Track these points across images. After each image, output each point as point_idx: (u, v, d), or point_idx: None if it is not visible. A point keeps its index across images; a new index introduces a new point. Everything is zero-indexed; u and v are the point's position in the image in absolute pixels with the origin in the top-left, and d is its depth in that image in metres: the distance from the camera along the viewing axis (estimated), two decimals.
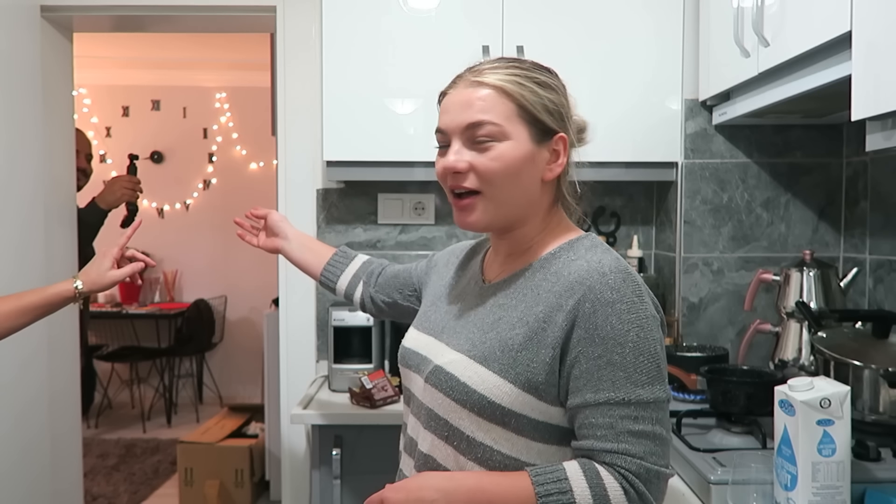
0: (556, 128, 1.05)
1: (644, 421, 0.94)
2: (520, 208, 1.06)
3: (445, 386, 1.03)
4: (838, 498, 1.16)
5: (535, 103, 1.03)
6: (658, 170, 2.27)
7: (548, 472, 0.95)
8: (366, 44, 2.20)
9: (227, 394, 5.62)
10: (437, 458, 1.05)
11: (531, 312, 1.01)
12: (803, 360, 1.87)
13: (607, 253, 1.03)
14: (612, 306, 0.96)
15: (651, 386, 0.95)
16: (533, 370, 0.98)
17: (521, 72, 1.05)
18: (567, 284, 0.99)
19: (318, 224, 2.52)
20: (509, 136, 1.02)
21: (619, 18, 2.21)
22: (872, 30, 1.31)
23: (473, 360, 1.02)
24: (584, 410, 0.96)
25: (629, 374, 0.94)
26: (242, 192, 5.66)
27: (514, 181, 1.03)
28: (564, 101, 1.08)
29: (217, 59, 5.31)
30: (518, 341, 1.00)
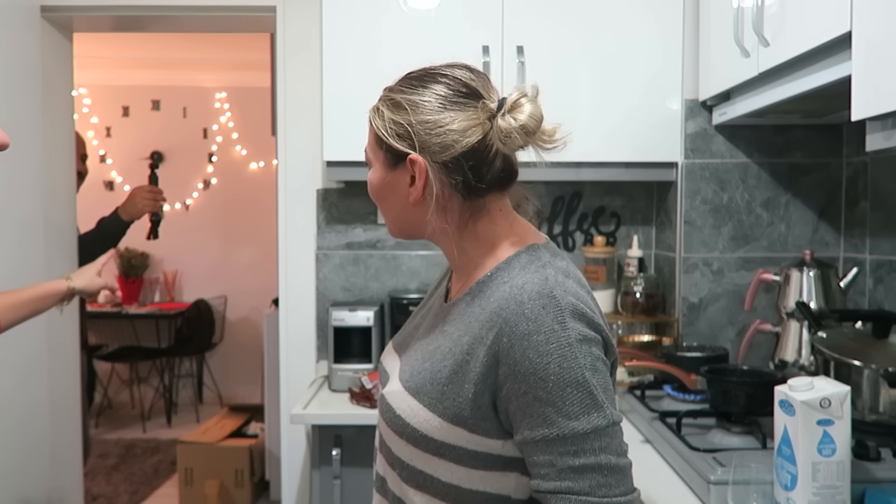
0: (405, 150, 0.97)
1: (585, 454, 0.88)
2: (411, 226, 1.04)
3: (387, 415, 1.01)
4: (838, 498, 1.16)
5: (382, 128, 1.00)
6: (658, 170, 2.27)
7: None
8: (366, 44, 2.20)
9: (227, 394, 5.62)
10: (388, 481, 1.05)
11: (459, 343, 0.97)
12: (803, 360, 1.87)
13: (537, 272, 0.95)
14: (529, 339, 0.90)
15: (586, 416, 0.88)
16: (459, 404, 0.94)
17: (385, 94, 1.03)
18: (488, 315, 0.94)
19: (318, 224, 2.52)
20: (371, 163, 1.04)
21: (620, 18, 2.21)
22: (872, 30, 1.31)
23: (408, 393, 0.99)
24: (526, 448, 0.92)
25: (558, 408, 0.88)
26: (242, 193, 5.66)
27: (383, 203, 1.05)
28: (424, 117, 0.96)
29: (217, 59, 5.31)
30: (445, 374, 0.96)
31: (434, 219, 0.99)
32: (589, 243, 2.49)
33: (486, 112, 0.97)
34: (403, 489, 1.01)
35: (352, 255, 2.52)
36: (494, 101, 0.97)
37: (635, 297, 2.33)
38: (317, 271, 2.53)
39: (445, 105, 0.97)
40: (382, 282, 2.50)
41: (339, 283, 2.52)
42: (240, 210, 5.66)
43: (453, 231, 1.02)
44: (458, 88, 0.98)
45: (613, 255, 2.42)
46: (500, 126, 0.95)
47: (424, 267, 2.52)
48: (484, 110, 0.97)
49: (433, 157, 0.96)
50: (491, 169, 0.99)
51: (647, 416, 1.74)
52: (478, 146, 0.96)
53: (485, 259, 1.03)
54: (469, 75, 1.00)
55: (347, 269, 2.52)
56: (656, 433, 1.64)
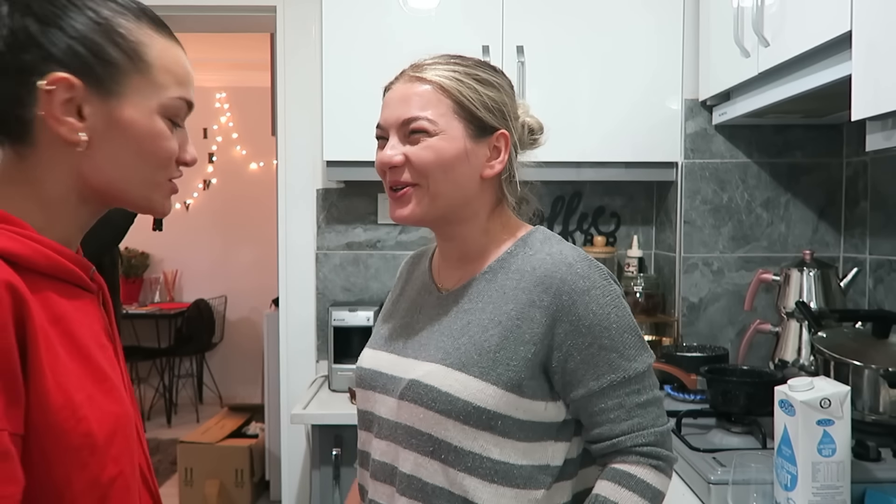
0: (496, 125, 1.04)
1: (646, 391, 1.00)
2: (456, 204, 1.04)
3: (426, 399, 0.99)
4: (838, 498, 1.16)
5: (473, 100, 1.02)
6: (658, 170, 2.27)
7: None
8: (366, 44, 2.20)
9: (227, 394, 5.62)
10: (422, 476, 1.01)
11: (502, 312, 1.00)
12: (803, 360, 1.87)
13: (562, 243, 1.06)
14: (588, 294, 0.99)
15: (641, 356, 1.00)
16: (514, 368, 0.98)
17: (461, 68, 1.04)
18: (535, 280, 1.00)
19: (318, 224, 2.52)
20: (443, 131, 1.01)
21: (620, 18, 2.21)
22: (872, 30, 1.31)
23: (451, 368, 0.99)
24: (592, 399, 0.99)
25: (620, 352, 0.99)
26: (242, 192, 5.66)
27: (449, 175, 1.01)
28: (508, 99, 1.07)
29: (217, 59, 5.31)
30: (494, 342, 0.99)
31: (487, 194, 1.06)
32: (589, 243, 2.49)
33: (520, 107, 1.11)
34: (451, 476, 0.99)
35: (352, 255, 2.52)
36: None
37: (635, 297, 2.33)
38: (317, 271, 2.53)
39: (513, 93, 1.09)
40: (382, 282, 2.50)
41: (339, 283, 2.52)
42: (240, 210, 5.66)
43: (488, 212, 1.08)
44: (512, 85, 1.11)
45: (613, 255, 2.42)
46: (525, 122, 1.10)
47: None
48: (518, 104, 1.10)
49: (513, 136, 1.06)
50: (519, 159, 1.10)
51: None
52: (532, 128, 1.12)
53: (499, 239, 1.09)
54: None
55: (347, 269, 2.52)
56: None
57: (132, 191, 0.79)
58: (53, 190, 0.75)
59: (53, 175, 0.75)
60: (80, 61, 0.73)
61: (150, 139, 0.77)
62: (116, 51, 0.75)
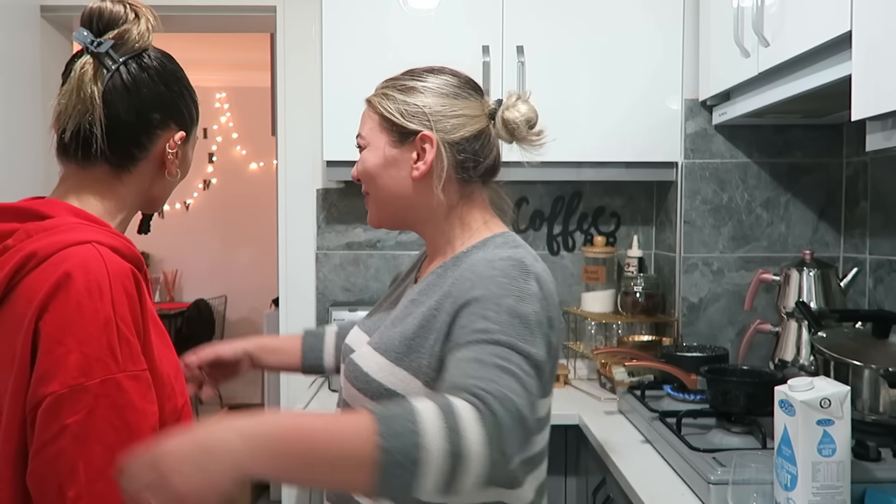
0: (417, 128, 1.06)
1: (512, 363, 0.89)
2: (401, 207, 1.11)
3: (352, 376, 1.08)
4: (838, 498, 1.16)
5: (391, 109, 1.08)
6: (658, 170, 2.27)
7: (394, 408, 0.83)
8: (366, 44, 2.20)
9: (227, 394, 5.62)
10: None
11: (427, 304, 1.04)
12: (803, 360, 1.87)
13: (512, 249, 1.03)
14: (493, 279, 0.96)
15: (522, 342, 0.91)
16: (424, 356, 1.00)
17: (392, 82, 1.11)
18: (458, 274, 1.02)
19: (318, 224, 2.52)
20: (370, 144, 1.10)
21: (620, 18, 2.21)
22: (872, 30, 1.31)
23: (376, 351, 1.06)
24: (454, 352, 0.93)
25: (503, 327, 0.92)
26: (242, 192, 5.66)
27: (378, 182, 1.10)
28: (438, 99, 1.07)
29: (217, 59, 5.31)
30: (412, 331, 1.03)
31: (430, 197, 1.07)
32: (589, 243, 2.49)
33: (487, 107, 1.09)
34: None
35: (352, 255, 2.52)
36: (492, 99, 1.11)
37: (635, 297, 2.33)
38: (317, 271, 2.53)
39: (457, 92, 1.09)
40: (382, 282, 2.50)
41: (339, 283, 2.52)
42: (240, 210, 5.66)
43: (442, 213, 1.09)
44: (466, 81, 1.11)
45: (613, 255, 2.42)
46: (506, 118, 1.07)
47: None
48: (484, 105, 1.09)
49: (444, 135, 1.06)
50: (486, 158, 1.10)
51: (647, 416, 1.74)
52: (480, 134, 1.08)
53: (462, 238, 1.10)
54: (466, 76, 1.13)
55: (347, 269, 2.52)
56: (656, 433, 1.64)
57: (162, 202, 1.09)
58: (129, 202, 1.03)
59: (135, 192, 1.02)
60: (186, 119, 1.05)
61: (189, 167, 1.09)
62: (195, 110, 1.07)
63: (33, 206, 0.95)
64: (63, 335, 0.85)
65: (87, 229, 0.93)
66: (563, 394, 2.25)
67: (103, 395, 0.85)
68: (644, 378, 2.05)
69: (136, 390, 0.88)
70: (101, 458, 0.84)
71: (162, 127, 1.01)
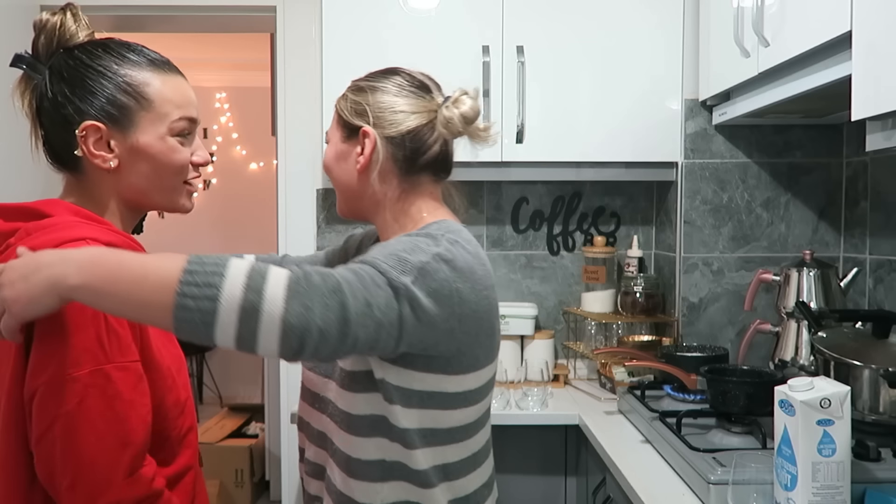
0: (359, 124, 1.13)
1: (363, 270, 0.94)
2: (354, 198, 1.17)
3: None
4: (838, 498, 1.16)
5: (343, 108, 1.16)
6: (658, 170, 2.27)
7: (213, 259, 0.88)
8: (366, 44, 2.20)
9: (227, 394, 5.62)
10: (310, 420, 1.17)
11: None
12: (803, 360, 1.87)
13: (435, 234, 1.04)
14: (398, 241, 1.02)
15: (387, 265, 0.95)
16: None
17: (351, 84, 1.20)
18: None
19: (318, 224, 2.52)
20: (329, 140, 1.19)
21: (620, 18, 2.21)
22: (872, 30, 1.31)
23: None
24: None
25: (379, 258, 0.97)
26: (242, 193, 5.66)
27: (333, 174, 1.18)
28: (381, 97, 1.14)
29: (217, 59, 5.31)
30: None
31: (373, 188, 1.13)
32: (589, 243, 2.49)
33: (433, 104, 1.14)
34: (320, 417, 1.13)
35: None
36: (441, 97, 1.15)
37: (635, 297, 2.33)
38: None
39: (400, 91, 1.14)
40: None
41: None
42: (240, 210, 5.65)
43: (388, 204, 1.15)
44: (413, 81, 1.16)
45: (613, 255, 2.42)
46: (444, 114, 1.12)
47: None
48: (431, 102, 1.14)
49: (382, 130, 1.12)
50: (429, 152, 1.14)
51: (647, 416, 1.74)
52: (421, 129, 1.13)
53: (406, 230, 1.14)
54: (425, 76, 1.18)
55: None
56: (656, 433, 1.64)
57: (157, 196, 1.05)
58: (104, 202, 1.03)
59: (101, 192, 1.03)
60: (102, 110, 1.00)
61: (163, 155, 1.03)
62: (125, 96, 1.01)
63: (35, 205, 0.99)
64: (53, 327, 0.88)
65: (84, 227, 0.95)
66: (563, 394, 2.25)
67: (92, 386, 0.88)
68: (644, 378, 2.05)
69: (125, 381, 0.90)
70: (93, 448, 0.87)
71: (76, 123, 0.99)
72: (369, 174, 1.13)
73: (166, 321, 0.84)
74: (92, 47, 1.02)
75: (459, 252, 1.02)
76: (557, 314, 2.53)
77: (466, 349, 1.04)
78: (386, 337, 0.94)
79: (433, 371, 1.03)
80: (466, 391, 1.07)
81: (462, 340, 1.03)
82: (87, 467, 0.87)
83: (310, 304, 0.86)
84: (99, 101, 1.00)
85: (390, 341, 0.95)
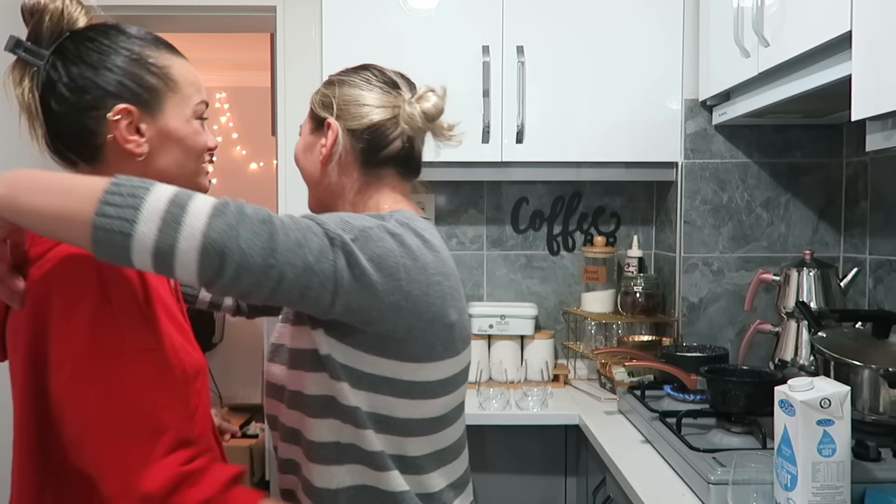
0: (324, 116, 1.15)
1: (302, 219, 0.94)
2: (319, 188, 1.18)
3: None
4: (838, 498, 1.16)
5: (314, 101, 1.19)
6: (658, 170, 2.27)
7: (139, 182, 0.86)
8: (366, 44, 2.20)
9: (227, 394, 5.61)
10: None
11: None
12: (803, 360, 1.87)
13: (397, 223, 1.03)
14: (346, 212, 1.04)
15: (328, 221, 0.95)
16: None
17: (325, 79, 1.22)
18: None
19: None
20: (301, 132, 1.22)
21: (620, 18, 2.21)
22: (872, 30, 1.31)
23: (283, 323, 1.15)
24: None
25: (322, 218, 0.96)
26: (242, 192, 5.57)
27: (301, 165, 1.20)
28: (350, 91, 1.15)
29: (217, 59, 5.30)
30: None
31: (334, 179, 1.15)
32: (589, 243, 2.49)
33: (399, 99, 1.14)
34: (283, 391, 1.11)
35: None
36: (410, 94, 1.15)
37: (635, 297, 2.33)
38: None
39: (367, 85, 1.16)
40: None
41: None
42: None
43: (349, 196, 1.16)
44: (382, 77, 1.17)
45: (613, 255, 2.42)
46: (406, 110, 1.13)
47: None
48: (397, 98, 1.14)
49: (345, 123, 1.13)
50: (390, 146, 1.14)
51: (647, 416, 1.74)
52: (383, 123, 1.13)
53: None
54: (398, 74, 1.19)
55: None
56: (656, 433, 1.64)
57: (182, 181, 0.96)
58: None
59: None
60: (130, 92, 0.95)
61: (190, 139, 1.00)
62: (153, 78, 0.97)
63: None
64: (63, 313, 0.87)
65: None
66: (563, 394, 2.25)
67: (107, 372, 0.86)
68: (644, 378, 2.05)
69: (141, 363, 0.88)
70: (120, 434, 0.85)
71: (105, 107, 0.94)
72: (330, 165, 1.15)
73: (84, 232, 0.81)
74: (105, 29, 0.98)
75: (407, 233, 1.01)
76: (557, 314, 2.53)
77: (419, 335, 1.01)
78: (319, 287, 0.91)
79: (387, 356, 1.00)
80: (424, 382, 1.04)
81: (412, 323, 1.00)
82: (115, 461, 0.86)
83: (235, 225, 0.85)
84: (127, 83, 0.95)
85: (325, 294, 0.92)
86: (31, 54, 0.96)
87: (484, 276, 2.53)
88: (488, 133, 2.17)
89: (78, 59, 0.95)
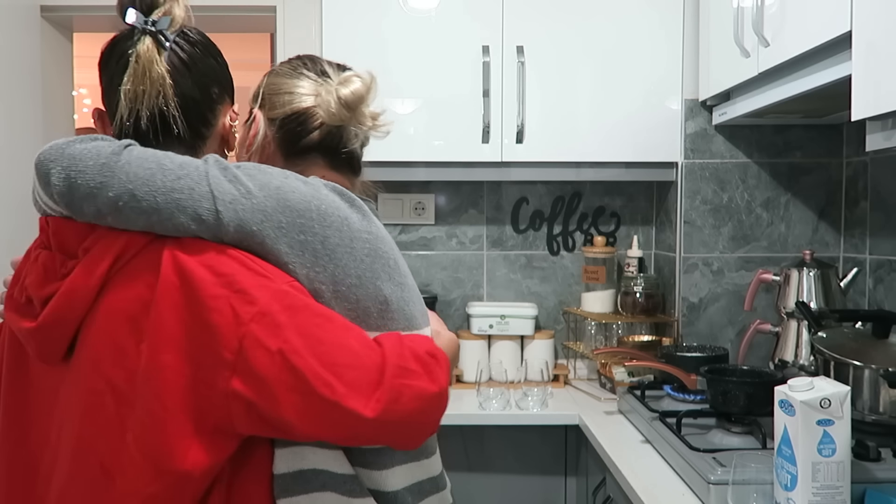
0: (252, 106, 1.17)
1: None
2: None
3: None
4: (838, 498, 1.16)
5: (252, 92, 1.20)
6: (658, 170, 2.27)
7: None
8: (366, 44, 2.20)
9: None
10: None
11: None
12: (803, 360, 1.87)
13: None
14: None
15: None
16: None
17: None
18: None
19: None
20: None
21: (620, 18, 2.21)
22: (872, 30, 1.31)
23: None
24: None
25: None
26: None
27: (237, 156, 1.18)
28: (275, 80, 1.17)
29: None
30: None
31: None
32: (589, 243, 2.49)
33: (322, 88, 1.11)
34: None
35: None
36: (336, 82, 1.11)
37: (635, 297, 2.33)
38: None
39: (293, 74, 1.14)
40: None
41: None
42: None
43: None
44: (312, 66, 1.15)
45: (613, 255, 2.42)
46: (322, 96, 1.09)
47: (424, 267, 2.52)
48: (321, 86, 1.11)
49: (266, 112, 1.13)
50: (310, 135, 1.10)
51: (647, 416, 1.74)
52: (303, 111, 1.10)
53: None
54: (334, 64, 1.16)
55: None
56: (656, 433, 1.64)
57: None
58: None
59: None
60: (233, 92, 1.08)
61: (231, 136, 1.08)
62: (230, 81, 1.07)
63: None
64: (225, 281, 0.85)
65: None
66: (563, 394, 2.25)
67: (284, 306, 0.85)
68: (644, 378, 2.05)
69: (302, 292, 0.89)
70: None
71: (220, 101, 1.03)
72: (255, 156, 1.13)
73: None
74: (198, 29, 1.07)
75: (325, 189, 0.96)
76: (557, 314, 2.53)
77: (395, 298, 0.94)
78: (194, 186, 0.87)
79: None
80: None
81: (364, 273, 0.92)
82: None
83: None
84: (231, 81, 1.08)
85: (204, 201, 0.87)
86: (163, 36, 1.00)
87: (484, 276, 2.53)
88: (488, 133, 2.17)
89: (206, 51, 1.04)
